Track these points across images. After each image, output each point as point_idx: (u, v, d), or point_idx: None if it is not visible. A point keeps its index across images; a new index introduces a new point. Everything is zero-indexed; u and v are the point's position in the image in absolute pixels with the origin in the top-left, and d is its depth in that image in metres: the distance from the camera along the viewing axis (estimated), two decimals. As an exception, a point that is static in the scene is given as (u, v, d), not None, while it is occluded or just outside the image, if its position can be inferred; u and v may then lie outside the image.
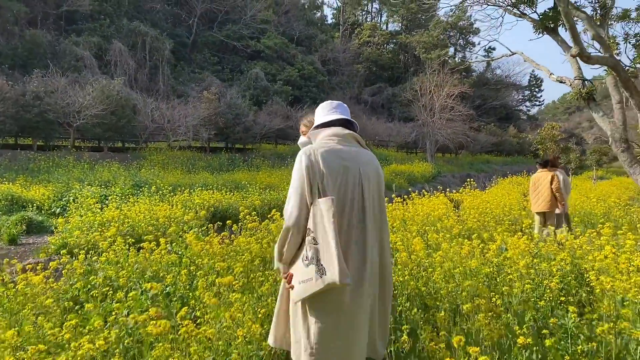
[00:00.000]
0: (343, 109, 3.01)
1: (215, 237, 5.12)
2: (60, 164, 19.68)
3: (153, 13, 42.53)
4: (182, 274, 3.87)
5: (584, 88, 8.48)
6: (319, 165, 2.54)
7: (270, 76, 42.32)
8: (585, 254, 4.79)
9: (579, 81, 8.55)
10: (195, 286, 3.75)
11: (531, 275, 4.10)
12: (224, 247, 4.86)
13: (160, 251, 4.79)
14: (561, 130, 45.54)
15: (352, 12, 67.52)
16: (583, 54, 6.63)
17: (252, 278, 3.85)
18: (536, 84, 70.94)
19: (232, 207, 13.68)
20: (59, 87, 22.33)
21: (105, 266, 4.49)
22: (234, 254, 4.48)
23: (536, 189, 8.92)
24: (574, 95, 8.52)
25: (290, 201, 2.55)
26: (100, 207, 11.93)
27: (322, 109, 3.01)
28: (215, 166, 24.11)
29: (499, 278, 4.02)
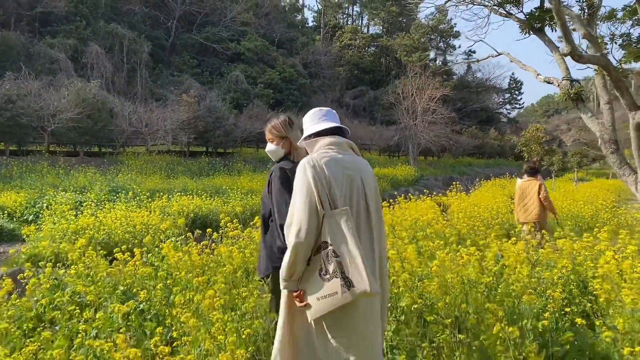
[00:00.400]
0: (332, 115, 2.94)
1: (195, 247, 4.79)
2: (34, 169, 19.04)
3: (131, 15, 41.80)
4: (158, 289, 3.53)
5: (572, 88, 8.32)
6: (325, 175, 2.47)
7: (250, 79, 41.86)
8: (584, 259, 4.57)
9: (567, 82, 8.39)
10: (172, 302, 3.42)
11: (532, 284, 3.85)
12: (204, 256, 4.53)
13: (135, 262, 4.44)
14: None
15: (333, 15, 67.44)
16: (575, 53, 6.44)
17: (235, 293, 3.53)
18: (516, 87, 71.68)
19: (213, 213, 13.30)
20: (32, 90, 21.66)
21: (75, 280, 4.12)
22: (214, 265, 4.15)
23: (523, 200, 8.41)
24: (562, 96, 8.34)
25: (297, 216, 2.43)
26: (74, 214, 11.50)
27: (312, 117, 2.89)
28: (195, 171, 23.63)
29: (500, 288, 3.76)
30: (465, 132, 47.06)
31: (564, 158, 20.89)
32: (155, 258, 4.46)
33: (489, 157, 51.64)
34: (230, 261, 4.23)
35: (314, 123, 2.82)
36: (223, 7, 46.84)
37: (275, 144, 3.49)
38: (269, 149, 3.52)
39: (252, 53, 44.45)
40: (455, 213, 8.39)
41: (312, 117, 2.87)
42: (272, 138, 3.51)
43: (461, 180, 31.78)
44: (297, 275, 2.46)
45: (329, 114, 2.90)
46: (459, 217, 7.77)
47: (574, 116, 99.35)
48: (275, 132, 3.50)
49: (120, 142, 25.30)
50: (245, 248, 4.94)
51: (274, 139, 3.49)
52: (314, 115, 2.88)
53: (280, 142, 3.45)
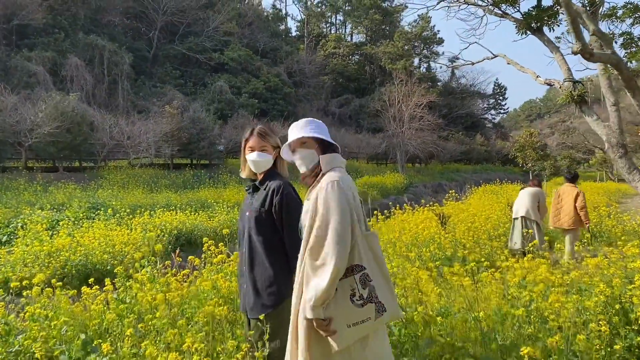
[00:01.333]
0: (324, 127, 2.71)
1: (173, 276, 4.18)
2: (11, 186, 18.23)
3: (111, 27, 41.05)
4: (127, 336, 2.93)
5: (575, 90, 7.90)
6: (352, 195, 2.38)
7: (235, 89, 41.27)
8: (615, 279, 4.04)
9: (570, 83, 7.96)
10: (143, 354, 2.81)
11: (568, 316, 3.31)
12: (184, 289, 3.92)
13: (106, 297, 3.82)
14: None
15: (317, 23, 67.23)
16: (586, 51, 5.99)
17: (219, 338, 2.93)
18: (500, 92, 71.86)
19: (197, 229, 12.65)
20: (8, 105, 20.85)
21: (30, 324, 3.49)
22: (194, 303, 3.54)
23: (559, 203, 8.37)
24: (565, 98, 7.92)
25: (337, 237, 2.24)
26: (50, 234, 10.80)
27: (314, 127, 2.62)
28: (179, 184, 22.91)
29: (532, 320, 3.21)
30: (452, 138, 46.88)
31: (555, 162, 20.57)
32: (127, 293, 3.83)
33: (476, 163, 51.47)
34: (213, 297, 3.62)
35: (326, 135, 2.59)
36: (205, 17, 46.27)
37: (268, 153, 3.07)
38: (262, 159, 3.06)
39: (235, 63, 43.88)
40: (456, 225, 7.87)
41: (320, 128, 2.64)
42: (266, 146, 3.07)
43: (450, 187, 31.47)
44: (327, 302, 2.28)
45: (322, 126, 2.66)
46: (460, 229, 7.25)
47: (556, 120, 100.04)
48: (271, 140, 3.12)
49: (101, 156, 24.53)
50: (233, 275, 4.34)
51: (269, 148, 3.08)
52: (324, 128, 2.67)
53: (273, 152, 3.10)
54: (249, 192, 3.16)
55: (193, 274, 4.46)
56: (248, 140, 3.14)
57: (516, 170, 51.58)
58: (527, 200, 8.22)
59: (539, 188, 8.52)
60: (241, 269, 3.06)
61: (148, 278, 3.82)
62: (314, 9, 68.16)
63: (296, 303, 2.36)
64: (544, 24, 8.58)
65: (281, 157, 2.94)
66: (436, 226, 7.17)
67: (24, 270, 8.41)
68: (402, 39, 58.26)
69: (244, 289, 3.01)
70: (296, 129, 2.58)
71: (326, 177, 2.41)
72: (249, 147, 3.10)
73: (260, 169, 3.08)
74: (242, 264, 3.04)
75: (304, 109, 46.95)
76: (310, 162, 2.54)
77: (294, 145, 2.59)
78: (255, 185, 3.11)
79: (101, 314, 3.67)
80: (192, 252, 12.07)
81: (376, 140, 39.50)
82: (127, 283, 3.94)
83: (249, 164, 3.12)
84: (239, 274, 3.14)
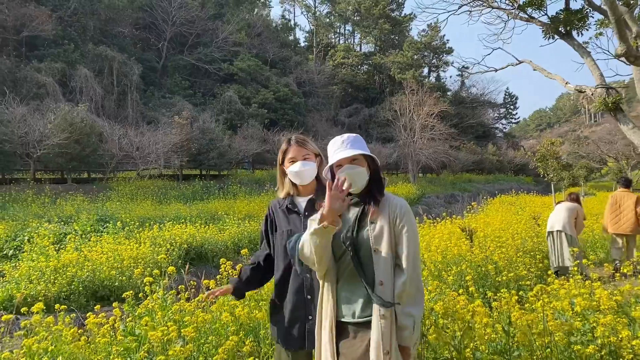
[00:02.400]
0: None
1: (186, 302, 3.76)
2: (19, 198, 17.96)
3: (120, 38, 41.10)
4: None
5: (609, 97, 7.45)
6: None
7: (244, 99, 41.08)
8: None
9: (603, 89, 7.52)
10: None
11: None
12: (198, 317, 3.49)
13: (112, 327, 3.41)
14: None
15: (325, 34, 67.17)
16: (630, 54, 5.55)
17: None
18: (511, 102, 71.30)
19: (208, 242, 12.26)
20: (17, 116, 20.66)
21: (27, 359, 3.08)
22: (211, 338, 3.10)
23: (617, 209, 8.37)
24: (598, 106, 7.46)
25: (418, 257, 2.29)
26: (57, 249, 10.45)
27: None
28: (188, 195, 22.55)
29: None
30: (464, 147, 46.31)
31: (572, 172, 20.04)
32: (136, 322, 3.41)
33: (489, 173, 50.77)
34: (232, 325, 3.20)
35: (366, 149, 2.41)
36: (214, 27, 46.26)
37: (311, 161, 2.70)
38: (307, 167, 2.67)
39: (245, 73, 43.74)
40: (483, 239, 7.41)
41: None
42: (309, 154, 2.70)
43: (463, 198, 30.89)
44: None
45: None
46: (489, 245, 6.79)
47: (566, 129, 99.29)
48: (312, 148, 2.74)
49: (110, 167, 24.28)
50: (252, 301, 3.92)
51: (312, 156, 2.71)
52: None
53: (315, 160, 2.74)
54: (296, 210, 2.71)
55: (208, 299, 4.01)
56: (286, 152, 2.73)
57: (528, 180, 50.88)
58: (565, 214, 7.81)
59: (577, 204, 8.13)
60: (299, 298, 2.60)
61: (159, 305, 3.40)
62: (323, 19, 68.17)
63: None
64: (573, 28, 8.16)
65: (322, 165, 2.69)
66: (465, 242, 6.72)
67: (29, 287, 8.07)
68: (411, 49, 58.00)
69: (303, 321, 2.58)
70: (347, 145, 2.35)
71: (395, 198, 2.36)
72: (290, 159, 2.70)
73: (307, 179, 2.69)
74: (301, 292, 2.60)
75: (313, 118, 46.68)
76: (363, 180, 2.32)
77: (345, 162, 2.32)
78: (314, 200, 2.67)
79: (107, 346, 3.26)
80: (202, 267, 11.71)
81: (387, 150, 39.06)
82: (136, 310, 3.52)
83: (291, 176, 2.71)
84: (292, 303, 2.63)
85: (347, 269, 2.28)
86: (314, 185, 2.73)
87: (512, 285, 5.03)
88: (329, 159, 2.38)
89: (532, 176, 51.76)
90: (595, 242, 9.85)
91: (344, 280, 2.30)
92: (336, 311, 2.27)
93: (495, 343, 2.86)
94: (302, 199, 2.73)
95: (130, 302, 3.50)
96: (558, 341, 2.85)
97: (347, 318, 2.25)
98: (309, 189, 2.73)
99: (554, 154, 16.63)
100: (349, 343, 2.23)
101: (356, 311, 2.23)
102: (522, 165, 53.97)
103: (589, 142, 45.11)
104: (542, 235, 9.01)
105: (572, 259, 5.60)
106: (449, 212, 14.82)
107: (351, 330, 2.25)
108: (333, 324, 2.25)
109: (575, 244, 7.61)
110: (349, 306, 2.26)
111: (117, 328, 3.48)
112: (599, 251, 9.47)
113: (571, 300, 3.65)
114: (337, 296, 2.29)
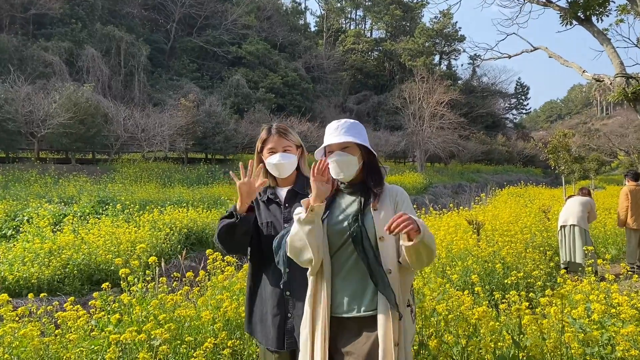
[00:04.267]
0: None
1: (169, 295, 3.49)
2: (22, 177, 17.82)
3: (129, 18, 40.69)
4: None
5: (628, 87, 7.08)
6: None
7: (252, 83, 40.65)
8: None
9: (622, 79, 7.15)
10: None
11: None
12: (183, 310, 3.23)
13: (85, 325, 3.14)
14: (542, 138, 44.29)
15: (336, 19, 66.34)
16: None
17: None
18: (522, 92, 70.33)
19: (209, 227, 12.03)
20: (21, 94, 20.45)
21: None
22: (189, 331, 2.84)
23: (636, 204, 8.08)
24: (617, 96, 7.10)
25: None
26: (55, 230, 10.26)
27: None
28: (192, 179, 22.34)
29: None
30: (473, 137, 45.72)
31: (583, 165, 19.59)
32: (108, 320, 3.12)
33: (497, 164, 50.17)
34: (218, 322, 2.93)
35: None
36: (224, 9, 45.68)
37: (292, 154, 2.55)
38: (287, 160, 2.51)
39: (253, 57, 43.24)
40: (490, 233, 7.10)
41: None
42: (290, 146, 2.55)
43: (470, 188, 30.53)
44: None
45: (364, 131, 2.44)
46: (498, 239, 6.48)
47: (577, 121, 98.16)
48: (293, 138, 2.58)
49: (114, 148, 24.09)
50: (240, 295, 3.65)
51: (292, 148, 2.56)
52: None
53: (296, 152, 2.60)
54: (277, 200, 2.53)
55: (193, 290, 3.77)
56: (266, 142, 2.55)
57: (537, 172, 50.29)
58: (578, 209, 7.52)
59: (589, 198, 7.83)
60: (278, 296, 2.41)
61: (137, 299, 3.13)
62: (334, 3, 67.23)
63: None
64: (592, 14, 7.76)
65: (303, 157, 2.61)
66: (471, 236, 6.42)
67: (22, 269, 7.89)
68: (423, 36, 57.16)
69: (282, 319, 2.39)
70: (342, 131, 2.25)
71: (393, 186, 2.33)
72: (269, 149, 2.52)
73: (286, 173, 2.52)
74: (279, 289, 2.41)
75: (321, 104, 46.22)
76: (352, 169, 2.23)
77: (335, 148, 2.23)
78: (294, 191, 2.51)
79: (80, 341, 3.01)
80: (202, 252, 11.51)
81: (395, 138, 38.63)
82: (113, 304, 3.26)
83: (269, 168, 2.52)
84: (271, 301, 2.42)
85: (349, 262, 2.17)
86: (293, 176, 2.56)
87: (521, 286, 4.73)
88: (324, 142, 2.29)
89: (541, 168, 51.14)
90: (607, 238, 9.51)
91: (344, 273, 2.18)
92: (332, 307, 2.16)
93: (502, 352, 2.58)
94: (282, 189, 2.56)
95: (106, 293, 3.23)
96: (574, 353, 2.56)
97: (351, 313, 2.14)
98: (288, 180, 2.56)
99: (565, 145, 16.21)
100: (354, 340, 2.13)
101: (362, 305, 2.13)
102: (531, 157, 53.33)
103: (600, 135, 44.42)
104: (552, 230, 8.71)
105: (587, 257, 5.31)
106: (456, 202, 14.51)
107: (354, 326, 2.14)
108: (327, 322, 2.12)
109: (589, 240, 7.33)
110: (353, 300, 2.15)
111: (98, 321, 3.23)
112: (610, 247, 9.15)
113: (587, 305, 3.35)
114: (333, 292, 2.17)
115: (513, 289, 3.84)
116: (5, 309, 3.08)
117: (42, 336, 3.01)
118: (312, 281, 2.20)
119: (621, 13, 8.23)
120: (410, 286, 2.22)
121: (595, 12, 7.79)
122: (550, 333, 2.73)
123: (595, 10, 7.68)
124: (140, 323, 2.99)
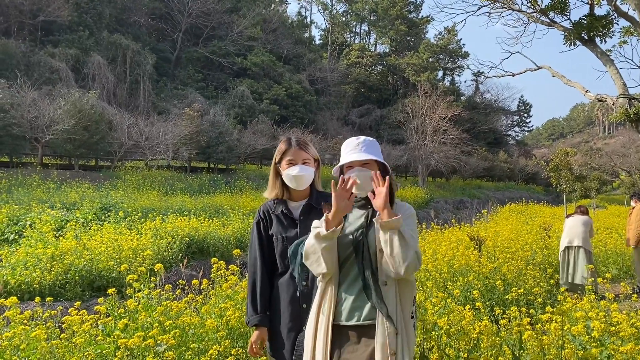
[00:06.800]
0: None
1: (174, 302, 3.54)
2: (25, 182, 17.88)
3: (136, 27, 41.06)
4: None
5: (631, 107, 7.16)
6: None
7: (256, 94, 40.91)
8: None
9: (625, 99, 7.23)
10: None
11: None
12: (187, 317, 3.27)
13: (91, 328, 3.18)
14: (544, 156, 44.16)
15: (341, 32, 66.81)
16: (659, 62, 5.25)
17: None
18: (525, 110, 70.53)
19: (210, 236, 12.08)
20: (27, 100, 20.61)
21: None
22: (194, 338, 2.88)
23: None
24: (620, 116, 7.17)
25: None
26: (57, 235, 10.31)
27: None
28: (195, 188, 22.40)
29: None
30: (475, 153, 45.79)
31: (584, 184, 19.65)
32: (114, 324, 3.16)
33: (499, 180, 50.16)
34: (221, 330, 2.98)
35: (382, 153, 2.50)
36: (230, 21, 46.06)
37: (310, 166, 2.59)
38: (306, 173, 2.55)
39: (258, 68, 43.55)
40: (492, 250, 7.14)
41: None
42: (309, 159, 2.59)
43: (472, 204, 30.55)
44: None
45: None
46: (499, 255, 6.52)
47: (579, 140, 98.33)
48: (312, 152, 2.62)
49: (118, 155, 24.20)
50: (243, 304, 3.69)
51: (311, 161, 2.60)
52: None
53: (313, 165, 2.64)
54: (292, 216, 2.56)
55: (197, 298, 3.81)
56: (286, 153, 2.58)
57: (539, 190, 50.27)
58: (582, 229, 7.52)
59: (588, 217, 7.85)
60: (294, 308, 2.47)
61: (143, 305, 3.18)
62: (339, 17, 67.77)
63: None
64: (596, 35, 7.86)
65: (318, 171, 2.66)
66: (473, 252, 6.46)
67: (24, 273, 7.92)
68: (427, 51, 57.49)
69: (297, 332, 2.43)
70: (364, 148, 2.33)
71: (404, 203, 2.36)
72: (288, 161, 2.56)
73: (304, 185, 2.56)
74: (296, 301, 2.47)
75: (324, 117, 46.43)
76: (371, 185, 2.23)
77: (356, 164, 2.30)
78: (310, 205, 2.56)
79: (86, 346, 3.05)
80: (203, 261, 11.55)
81: (397, 152, 38.71)
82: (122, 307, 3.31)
83: (287, 179, 2.56)
84: (288, 314, 2.48)
85: (353, 272, 2.22)
86: (307, 190, 2.60)
87: (521, 302, 4.76)
88: (341, 159, 2.34)
89: (542, 186, 51.10)
90: (607, 257, 9.53)
91: (349, 282, 2.23)
92: (335, 315, 2.20)
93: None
94: (296, 204, 2.59)
95: (114, 299, 3.28)
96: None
97: (351, 321, 2.18)
98: (301, 194, 2.60)
99: (567, 164, 16.27)
100: (352, 348, 2.16)
101: (362, 314, 2.17)
102: (532, 174, 53.34)
103: (601, 155, 44.53)
104: (552, 247, 8.73)
105: (588, 276, 5.33)
106: (458, 218, 14.55)
107: (354, 334, 2.18)
108: (329, 329, 2.17)
109: (591, 261, 7.35)
110: (355, 309, 2.19)
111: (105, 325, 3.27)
112: (611, 266, 9.16)
113: (587, 323, 3.39)
114: (337, 301, 2.23)
115: (513, 305, 3.88)
116: (13, 312, 3.13)
117: (47, 340, 3.05)
118: (321, 288, 2.25)
119: (625, 35, 8.34)
120: (411, 299, 2.23)
121: (598, 33, 7.89)
122: (550, 349, 2.77)
123: (599, 31, 7.78)
124: (146, 329, 3.03)
